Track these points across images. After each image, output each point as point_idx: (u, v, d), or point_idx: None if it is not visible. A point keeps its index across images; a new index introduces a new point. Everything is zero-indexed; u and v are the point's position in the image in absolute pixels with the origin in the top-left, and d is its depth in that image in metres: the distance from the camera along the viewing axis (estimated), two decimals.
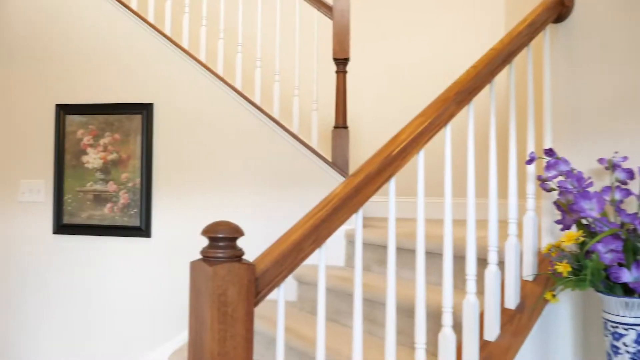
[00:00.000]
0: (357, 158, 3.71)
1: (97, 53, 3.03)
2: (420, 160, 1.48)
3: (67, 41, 3.08)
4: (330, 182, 2.73)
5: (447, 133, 1.55)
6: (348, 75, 2.90)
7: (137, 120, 2.94)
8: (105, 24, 3.03)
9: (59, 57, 3.08)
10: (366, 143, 3.76)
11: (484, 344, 1.58)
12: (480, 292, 1.88)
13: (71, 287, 2.99)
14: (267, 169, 2.81)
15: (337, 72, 2.84)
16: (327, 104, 3.72)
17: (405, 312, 1.97)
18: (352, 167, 3.57)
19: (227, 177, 2.85)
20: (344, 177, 2.73)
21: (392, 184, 1.41)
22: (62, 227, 3.00)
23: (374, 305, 2.13)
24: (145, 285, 2.90)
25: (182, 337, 2.79)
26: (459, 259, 2.00)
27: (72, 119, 3.02)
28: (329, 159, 2.85)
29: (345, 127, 2.82)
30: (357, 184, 1.31)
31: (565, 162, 1.56)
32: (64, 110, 3.04)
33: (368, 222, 3.07)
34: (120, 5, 3.01)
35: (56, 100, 3.07)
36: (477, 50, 3.54)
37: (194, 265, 1.10)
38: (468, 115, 1.62)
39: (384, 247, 2.44)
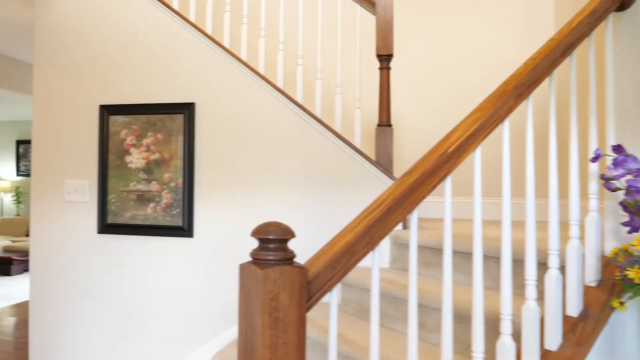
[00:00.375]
0: (400, 156, 3.63)
1: (140, 53, 3.05)
2: (476, 158, 1.40)
3: (110, 42, 3.10)
4: (375, 182, 2.66)
5: (504, 129, 1.46)
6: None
7: (179, 120, 2.94)
8: (147, 24, 3.04)
9: (103, 58, 3.11)
10: (408, 141, 3.67)
11: (544, 354, 1.49)
12: (538, 298, 1.79)
13: (114, 286, 3.01)
14: (310, 169, 2.76)
15: (380, 68, 2.77)
16: (369, 101, 3.66)
17: (457, 317, 1.89)
18: (396, 166, 3.50)
19: (269, 177, 2.81)
20: (389, 176, 2.65)
21: (447, 183, 1.33)
22: (106, 227, 3.02)
23: (423, 309, 2.05)
24: (188, 285, 2.90)
25: (224, 337, 2.77)
26: (515, 262, 1.91)
27: (115, 119, 3.04)
28: (373, 157, 2.77)
29: (389, 125, 2.74)
30: (411, 183, 1.24)
31: (635, 159, 1.45)
32: (107, 111, 3.06)
33: None
34: (162, 5, 3.02)
35: (100, 100, 3.10)
36: (524, 45, 3.43)
37: (243, 267, 1.06)
38: (526, 110, 1.53)
39: (430, 249, 2.35)
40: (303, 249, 2.71)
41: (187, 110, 2.92)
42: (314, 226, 2.74)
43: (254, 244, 2.80)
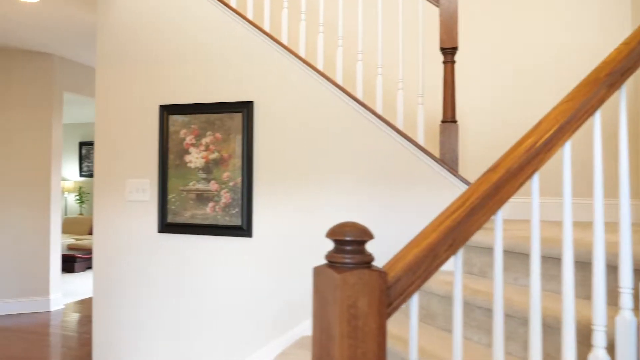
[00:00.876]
0: (462, 155, 3.49)
1: (198, 53, 3.04)
2: (566, 153, 1.27)
3: (169, 43, 3.12)
4: (439, 181, 2.55)
5: (596, 121, 1.33)
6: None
7: (237, 119, 2.91)
8: (205, 24, 3.04)
9: (162, 59, 3.13)
10: (471, 140, 3.52)
11: None
12: (633, 307, 1.63)
13: (174, 285, 3.02)
14: (371, 167, 2.67)
15: (444, 62, 2.65)
16: (431, 98, 3.53)
17: None
18: (461, 165, 3.36)
19: (329, 176, 2.74)
20: (454, 174, 2.53)
21: (535, 181, 1.22)
22: (166, 226, 3.03)
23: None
24: (247, 285, 2.87)
25: (285, 339, 2.73)
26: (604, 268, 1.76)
27: (175, 119, 3.05)
28: (437, 155, 2.66)
29: (454, 121, 2.62)
30: (497, 180, 1.13)
31: None
32: (167, 111, 3.07)
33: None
34: (220, 4, 3.00)
35: (160, 100, 3.12)
36: (597, 39, 3.21)
37: (318, 271, 0.98)
38: (619, 101, 1.39)
39: (504, 252, 2.21)
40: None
41: (245, 108, 2.90)
42: (375, 226, 2.65)
43: (315, 244, 2.74)
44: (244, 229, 2.86)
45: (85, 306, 5.83)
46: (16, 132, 5.48)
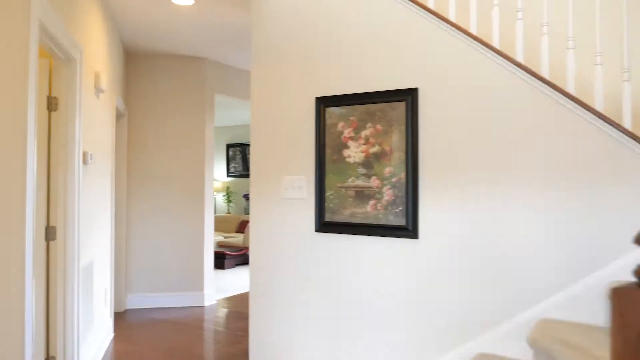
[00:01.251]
0: None
1: (355, 39, 2.83)
2: None
3: (322, 32, 2.94)
4: None
5: None
6: None
7: (400, 108, 2.65)
8: (362, 8, 2.81)
9: (316, 50, 2.97)
10: None
11: None
12: None
13: (332, 287, 2.84)
14: (562, 160, 2.25)
15: None
16: (637, 72, 2.96)
17: None
18: None
19: (509, 171, 2.37)
20: None
21: None
22: (324, 225, 2.86)
23: None
24: (411, 290, 2.59)
25: (453, 355, 2.40)
26: None
27: (331, 112, 2.87)
28: None
29: None
30: None
31: None
32: (323, 103, 2.90)
33: None
34: None
35: (316, 93, 2.96)
36: None
37: (623, 293, 0.67)
38: None
39: None
40: (545, 268, 2.22)
41: (409, 96, 2.62)
42: (567, 231, 2.22)
43: (494, 248, 2.37)
44: (408, 230, 2.59)
45: (235, 302, 5.96)
46: (176, 136, 5.74)
